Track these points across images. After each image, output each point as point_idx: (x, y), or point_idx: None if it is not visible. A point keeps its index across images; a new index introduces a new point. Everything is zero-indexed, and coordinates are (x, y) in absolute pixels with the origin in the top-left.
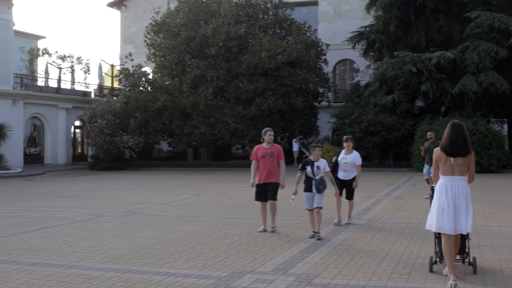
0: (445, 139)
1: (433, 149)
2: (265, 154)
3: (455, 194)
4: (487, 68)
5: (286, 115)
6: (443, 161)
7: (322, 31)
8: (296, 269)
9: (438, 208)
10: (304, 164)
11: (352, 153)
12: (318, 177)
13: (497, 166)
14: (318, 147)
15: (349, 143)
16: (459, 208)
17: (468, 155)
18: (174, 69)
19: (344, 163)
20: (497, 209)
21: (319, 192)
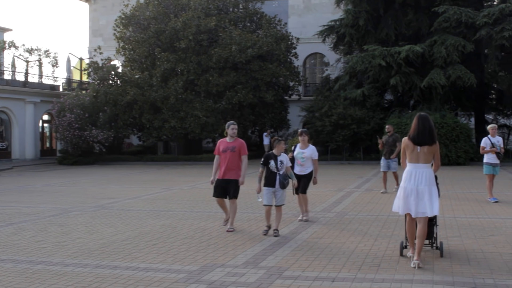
0: (412, 130)
1: (391, 142)
2: (227, 149)
3: (418, 180)
4: (455, 62)
5: (256, 109)
6: (410, 150)
7: (292, 24)
8: (266, 262)
9: (403, 193)
10: (267, 158)
11: (308, 147)
12: (282, 171)
13: (465, 159)
14: (282, 141)
15: (304, 136)
16: (422, 193)
17: (433, 144)
18: (144, 62)
19: (301, 157)
20: (464, 201)
21: (283, 187)
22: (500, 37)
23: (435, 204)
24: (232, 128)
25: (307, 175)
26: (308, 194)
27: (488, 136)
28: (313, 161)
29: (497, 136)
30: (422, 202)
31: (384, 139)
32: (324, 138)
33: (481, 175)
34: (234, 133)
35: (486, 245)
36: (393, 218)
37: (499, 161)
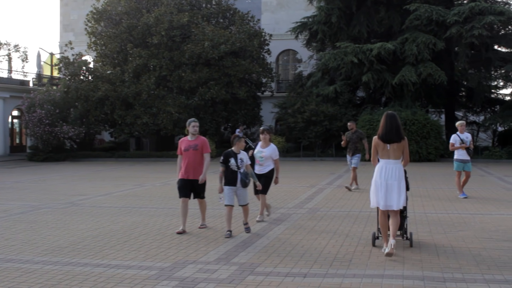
0: (381, 128)
1: (355, 139)
2: (189, 147)
3: (388, 175)
4: (426, 59)
5: (229, 105)
6: (381, 148)
7: (265, 21)
8: (238, 258)
9: (375, 187)
10: (227, 157)
11: (269, 146)
12: (243, 169)
13: (435, 155)
14: (243, 138)
15: (265, 135)
16: (391, 187)
17: (401, 141)
18: (116, 58)
19: (260, 157)
20: (434, 197)
21: (244, 186)
22: (470, 35)
23: (402, 197)
24: (193, 126)
25: (266, 174)
26: (280, 191)
27: (457, 132)
28: (274, 161)
29: (466, 133)
30: (391, 195)
31: (347, 136)
32: (296, 135)
33: (451, 171)
34: (196, 131)
35: (455, 240)
36: (364, 214)
37: (469, 158)
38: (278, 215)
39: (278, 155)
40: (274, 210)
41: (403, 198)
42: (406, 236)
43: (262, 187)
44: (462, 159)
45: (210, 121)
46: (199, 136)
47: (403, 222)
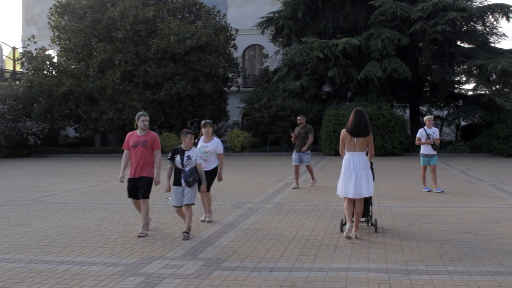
0: (350, 123)
1: (303, 134)
2: (137, 143)
3: (356, 166)
4: (391, 54)
5: (195, 100)
6: (348, 140)
7: (231, 16)
8: (205, 253)
9: (344, 178)
10: (174, 153)
11: (212, 140)
12: (188, 168)
13: (400, 149)
14: (190, 134)
15: (208, 128)
16: (360, 177)
17: (367, 135)
18: (80, 52)
19: (204, 152)
20: (399, 191)
21: (189, 185)
22: (434, 31)
23: (370, 186)
24: (142, 120)
25: (211, 171)
26: (247, 185)
27: (424, 127)
28: (218, 155)
29: (433, 128)
30: (361, 184)
31: (296, 131)
32: (263, 130)
33: (416, 165)
34: (145, 126)
35: (419, 233)
36: (330, 208)
37: (435, 152)
38: (245, 210)
39: (222, 149)
40: (241, 205)
41: (371, 186)
42: (372, 223)
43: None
44: (427, 153)
45: (177, 116)
46: (149, 131)
47: (368, 209)
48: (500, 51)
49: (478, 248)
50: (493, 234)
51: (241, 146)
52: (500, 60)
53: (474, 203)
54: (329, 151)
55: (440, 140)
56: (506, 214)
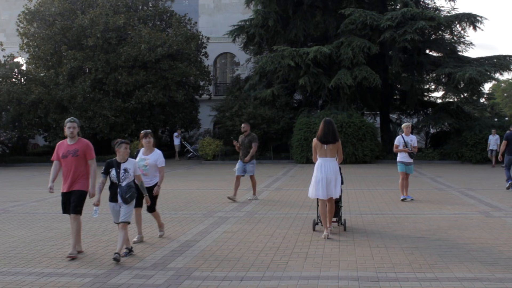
0: (320, 132)
1: (247, 143)
2: (67, 153)
3: (327, 171)
4: (361, 63)
5: (167, 108)
6: (319, 147)
7: (202, 24)
8: (175, 263)
9: (315, 181)
10: (108, 166)
11: (153, 152)
12: (125, 183)
13: (371, 157)
14: (125, 144)
15: (148, 139)
16: (330, 180)
17: (336, 142)
18: (50, 60)
19: (144, 165)
20: (370, 198)
21: (126, 202)
22: (403, 39)
23: (338, 188)
24: (69, 127)
25: (153, 188)
26: (218, 194)
27: (402, 134)
28: (159, 168)
29: (411, 135)
30: (330, 187)
31: (240, 140)
32: (235, 138)
33: (387, 172)
34: (72, 133)
35: (389, 240)
36: (301, 216)
37: (411, 160)
38: (216, 219)
39: (163, 162)
40: (212, 214)
41: (339, 188)
42: (341, 222)
43: (150, 204)
44: (405, 161)
45: (148, 125)
46: (80, 139)
47: (338, 210)
48: (468, 59)
49: (447, 254)
50: (462, 241)
51: (213, 154)
52: (468, 69)
53: (443, 210)
54: (300, 158)
55: (417, 148)
56: (474, 221)
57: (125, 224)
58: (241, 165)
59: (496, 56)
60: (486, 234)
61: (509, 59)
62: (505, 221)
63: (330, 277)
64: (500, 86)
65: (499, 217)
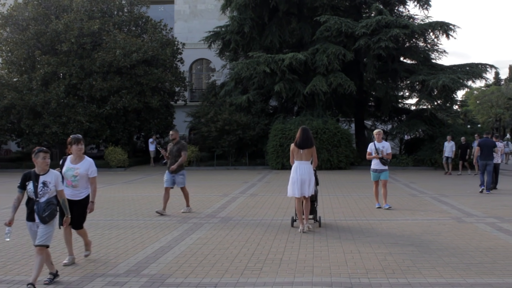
0: (297, 138)
1: (176, 152)
2: None
3: (302, 172)
4: (336, 69)
5: (142, 114)
6: (296, 152)
7: (178, 30)
8: (149, 270)
9: (292, 181)
10: (24, 179)
11: (83, 160)
12: (44, 199)
13: (346, 163)
14: (43, 153)
15: (80, 146)
16: (304, 181)
17: (311, 147)
18: (23, 65)
19: (73, 175)
20: (344, 204)
21: (44, 222)
22: (377, 47)
23: (312, 188)
24: None
25: (83, 202)
26: (193, 200)
27: (374, 141)
28: (90, 179)
29: (383, 142)
30: (304, 186)
31: (168, 148)
32: (210, 144)
33: (362, 179)
34: None
35: (363, 245)
36: (276, 222)
37: (385, 167)
38: (191, 225)
39: (96, 172)
40: (187, 220)
41: (312, 188)
42: (316, 219)
43: (76, 219)
44: (377, 168)
45: (122, 131)
46: None
47: (314, 208)
48: (441, 67)
49: (420, 260)
50: (434, 246)
51: (188, 160)
52: (441, 76)
53: (416, 215)
54: (276, 165)
55: (391, 155)
56: (447, 226)
57: (42, 248)
58: (169, 176)
59: (469, 64)
60: (458, 240)
61: (481, 67)
62: (477, 226)
63: (304, 283)
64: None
65: (471, 223)
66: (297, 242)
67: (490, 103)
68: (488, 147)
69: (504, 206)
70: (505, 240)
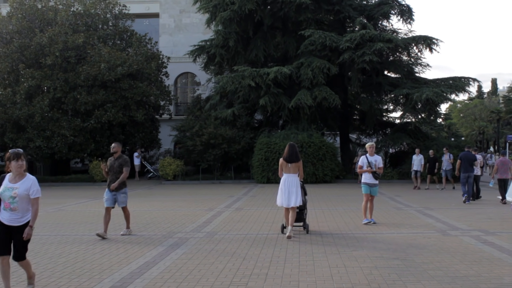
0: (285, 153)
1: (117, 167)
2: None
3: (289, 184)
4: (321, 83)
5: (127, 128)
6: (284, 165)
7: (163, 43)
8: (133, 285)
9: (280, 192)
10: None
11: (24, 178)
12: None
13: (331, 177)
14: None
15: (21, 162)
16: (291, 192)
17: (298, 161)
18: (7, 78)
19: (11, 196)
20: (329, 218)
21: None
22: (362, 61)
23: (298, 198)
24: None
25: (23, 228)
26: (178, 214)
27: (366, 154)
28: (32, 201)
29: (375, 155)
30: (291, 197)
31: (108, 163)
32: (195, 158)
33: (347, 192)
34: None
35: (348, 259)
36: (261, 237)
37: (376, 181)
38: (176, 240)
39: (39, 192)
40: (172, 235)
41: (299, 198)
42: (304, 227)
43: (17, 249)
44: (369, 182)
45: (107, 145)
46: None
47: (303, 216)
48: (425, 80)
49: (405, 273)
50: (419, 260)
51: (173, 174)
52: (425, 90)
53: (402, 229)
54: (261, 178)
55: (382, 170)
56: (432, 240)
57: None
58: (110, 194)
59: (452, 77)
60: (443, 253)
61: (464, 80)
62: (462, 239)
63: None
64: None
65: (455, 236)
66: (283, 256)
67: (473, 116)
68: (469, 160)
69: (488, 219)
70: (490, 253)
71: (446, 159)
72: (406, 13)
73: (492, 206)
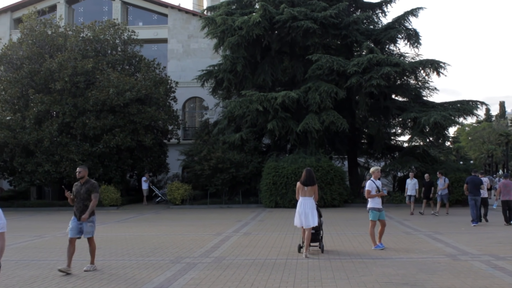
0: (303, 177)
1: (84, 193)
2: None
3: (305, 206)
4: (328, 107)
5: (135, 152)
6: (301, 189)
7: (171, 68)
8: None
9: (297, 213)
10: None
11: None
12: None
13: (339, 201)
14: None
15: None
16: (307, 214)
17: (314, 185)
18: (16, 103)
19: None
20: (338, 243)
21: None
22: (369, 85)
23: (315, 219)
24: None
25: None
26: (186, 239)
27: (371, 178)
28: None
29: (379, 180)
30: (308, 218)
31: (74, 190)
32: (203, 182)
33: (356, 216)
34: None
35: (357, 285)
36: (270, 262)
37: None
38: (184, 265)
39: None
40: (180, 260)
41: (315, 219)
42: (320, 246)
43: None
44: (378, 207)
45: (115, 169)
46: None
47: (319, 237)
48: (432, 104)
49: None
50: (429, 285)
51: (181, 198)
52: (433, 113)
53: (411, 254)
54: (269, 203)
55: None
56: (442, 265)
57: None
58: (75, 224)
59: (460, 101)
60: (454, 278)
61: (472, 103)
62: (472, 264)
63: None
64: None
65: (466, 261)
66: (291, 282)
67: (481, 139)
68: (475, 184)
69: (498, 243)
70: (500, 278)
71: (441, 183)
72: (413, 37)
73: (502, 230)
